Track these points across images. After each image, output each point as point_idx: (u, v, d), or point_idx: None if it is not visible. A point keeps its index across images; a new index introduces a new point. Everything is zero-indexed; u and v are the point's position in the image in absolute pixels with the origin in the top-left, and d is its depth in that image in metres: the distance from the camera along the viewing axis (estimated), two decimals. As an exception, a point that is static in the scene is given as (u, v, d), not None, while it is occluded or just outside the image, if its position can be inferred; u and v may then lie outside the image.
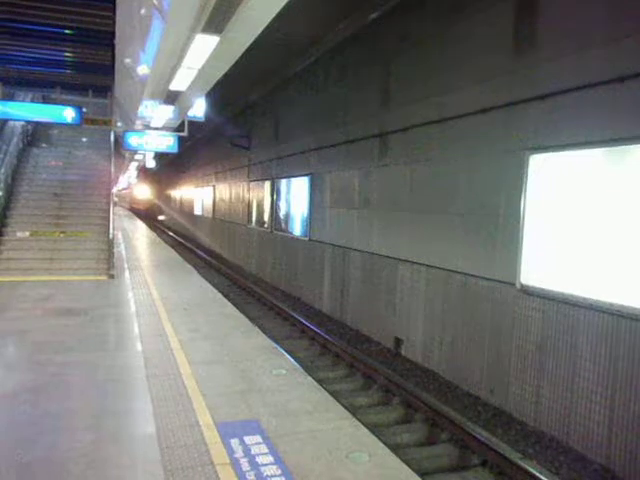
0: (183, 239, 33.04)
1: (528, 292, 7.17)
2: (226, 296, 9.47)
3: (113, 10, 7.79)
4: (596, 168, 6.24)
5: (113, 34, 8.79)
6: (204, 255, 24.48)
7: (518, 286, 7.30)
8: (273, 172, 17.98)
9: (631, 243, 5.74)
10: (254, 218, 20.63)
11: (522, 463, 5.85)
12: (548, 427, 6.91)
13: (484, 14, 8.15)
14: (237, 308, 8.81)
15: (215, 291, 9.90)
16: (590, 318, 6.27)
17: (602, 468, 6.04)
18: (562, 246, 6.66)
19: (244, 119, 21.52)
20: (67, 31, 11.49)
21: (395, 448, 5.40)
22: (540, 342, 7.05)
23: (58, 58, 13.53)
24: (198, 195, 31.75)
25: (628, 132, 5.78)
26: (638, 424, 5.72)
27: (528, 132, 7.26)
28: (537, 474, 5.62)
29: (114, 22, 8.14)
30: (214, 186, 27.37)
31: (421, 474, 5.32)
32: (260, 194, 19.72)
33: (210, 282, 12.04)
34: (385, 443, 4.31)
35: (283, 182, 17.23)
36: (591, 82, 6.23)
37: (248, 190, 21.20)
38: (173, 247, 23.52)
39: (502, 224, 7.70)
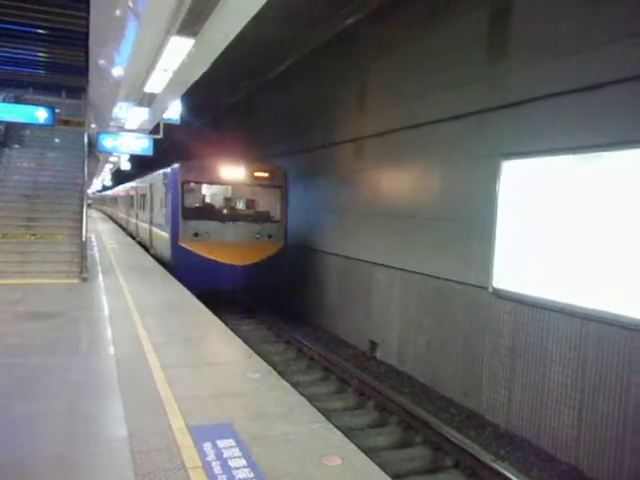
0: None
1: (500, 295, 7.28)
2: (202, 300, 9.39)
3: (87, 10, 7.68)
4: (567, 175, 6.37)
5: (87, 35, 8.68)
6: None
7: (490, 290, 7.40)
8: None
9: (600, 248, 5.88)
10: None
11: (494, 464, 5.92)
12: (520, 429, 7.02)
13: (458, 23, 8.27)
14: (212, 311, 8.74)
15: (190, 295, 9.81)
16: (560, 321, 6.39)
17: (571, 468, 6.16)
18: (534, 250, 6.78)
19: (221, 122, 21.44)
20: (40, 31, 11.33)
21: (369, 451, 5.42)
22: (512, 345, 7.16)
23: (31, 58, 13.32)
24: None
25: (597, 139, 5.91)
26: (605, 425, 5.84)
27: (500, 139, 7.38)
28: (508, 475, 5.70)
29: (88, 23, 8.04)
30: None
31: (395, 477, 5.35)
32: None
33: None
34: (359, 446, 4.32)
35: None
36: (562, 90, 6.37)
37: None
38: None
39: (475, 228, 7.80)
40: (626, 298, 5.57)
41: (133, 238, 21.80)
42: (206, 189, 14.61)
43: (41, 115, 11.36)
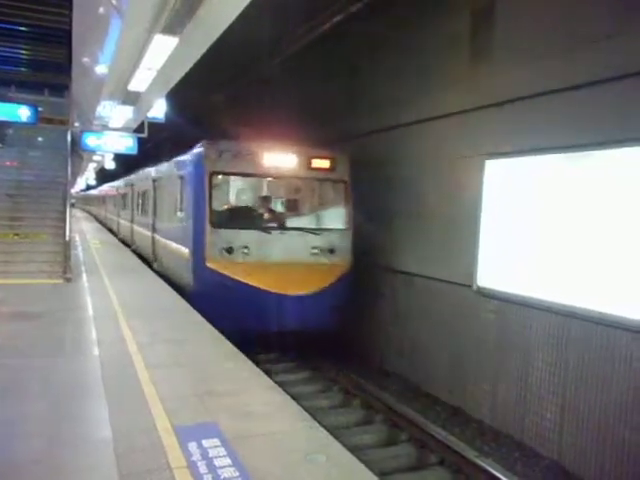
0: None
1: (484, 294, 7.33)
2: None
3: (70, 8, 7.59)
4: (550, 174, 6.43)
5: (70, 32, 8.58)
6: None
7: (475, 288, 7.45)
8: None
9: (585, 247, 5.94)
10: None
11: (478, 461, 5.98)
12: (504, 425, 7.08)
13: (443, 24, 8.30)
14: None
15: (177, 296, 9.74)
16: (544, 319, 6.45)
17: (554, 463, 6.24)
18: (518, 248, 6.83)
19: (208, 121, 21.30)
20: (22, 28, 11.17)
21: (355, 449, 5.44)
22: (496, 343, 7.22)
23: (12, 55, 13.13)
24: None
25: (581, 139, 5.96)
26: (587, 421, 5.92)
27: (483, 138, 7.43)
28: (492, 471, 5.76)
29: (71, 20, 7.95)
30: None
31: (381, 474, 5.38)
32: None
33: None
34: (344, 444, 4.34)
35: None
36: (544, 90, 6.43)
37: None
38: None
39: (460, 227, 7.85)
40: (610, 296, 5.64)
41: (128, 246, 18.22)
42: (241, 183, 10.33)
43: (24, 113, 11.22)
